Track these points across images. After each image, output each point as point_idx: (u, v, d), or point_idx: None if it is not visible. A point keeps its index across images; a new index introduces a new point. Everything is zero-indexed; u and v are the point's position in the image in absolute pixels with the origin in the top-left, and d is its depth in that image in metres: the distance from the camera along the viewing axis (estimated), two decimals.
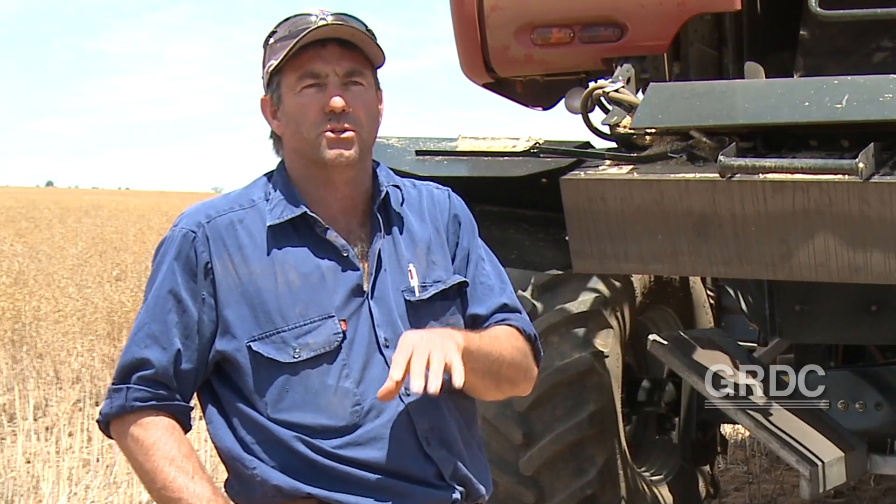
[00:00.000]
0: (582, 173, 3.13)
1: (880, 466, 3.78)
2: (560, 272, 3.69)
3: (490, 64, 3.58)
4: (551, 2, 3.44)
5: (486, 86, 3.79)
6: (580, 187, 3.08)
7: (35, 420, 6.92)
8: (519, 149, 3.43)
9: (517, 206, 3.63)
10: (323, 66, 1.93)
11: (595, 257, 3.13)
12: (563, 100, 3.72)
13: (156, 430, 1.91)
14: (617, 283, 3.90)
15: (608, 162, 3.19)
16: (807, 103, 2.86)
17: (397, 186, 2.07)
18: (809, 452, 3.38)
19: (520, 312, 2.12)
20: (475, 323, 2.08)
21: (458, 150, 3.50)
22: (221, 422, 1.96)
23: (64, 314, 10.03)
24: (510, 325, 2.09)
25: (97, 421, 2.00)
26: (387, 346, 1.95)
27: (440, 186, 2.15)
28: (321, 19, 1.92)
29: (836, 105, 2.82)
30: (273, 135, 2.04)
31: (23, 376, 7.99)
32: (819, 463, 3.36)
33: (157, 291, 1.95)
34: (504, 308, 2.11)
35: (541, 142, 3.42)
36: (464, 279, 2.08)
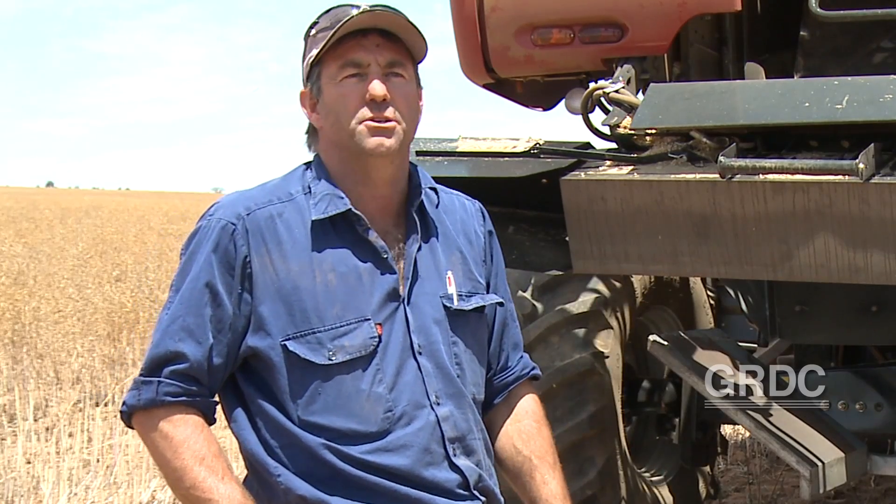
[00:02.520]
0: (582, 174, 3.13)
1: (880, 467, 3.78)
2: (560, 273, 3.69)
3: (490, 64, 3.58)
4: (551, 2, 3.44)
5: (486, 86, 3.79)
6: (580, 188, 3.08)
7: (35, 420, 6.92)
8: (519, 149, 3.43)
9: (517, 207, 3.63)
10: (364, 56, 1.89)
11: (595, 258, 3.13)
12: (564, 100, 3.73)
13: (185, 427, 1.86)
14: (617, 284, 3.90)
15: (608, 162, 3.19)
16: (807, 104, 2.86)
17: (434, 189, 2.04)
18: (810, 453, 3.38)
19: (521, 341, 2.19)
20: (513, 350, 2.14)
21: (458, 150, 3.50)
22: (246, 422, 1.91)
23: (64, 315, 10.03)
24: (532, 394, 2.16)
25: (120, 411, 1.93)
26: (420, 353, 1.93)
27: (471, 199, 2.14)
28: (362, 9, 1.90)
29: (836, 106, 2.82)
30: (310, 129, 2.00)
31: (23, 377, 7.99)
32: (819, 463, 3.36)
33: (194, 283, 1.88)
34: (521, 344, 2.18)
35: (541, 142, 3.42)
36: (500, 299, 2.09)
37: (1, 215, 27.79)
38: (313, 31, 1.95)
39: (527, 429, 2.12)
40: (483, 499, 1.98)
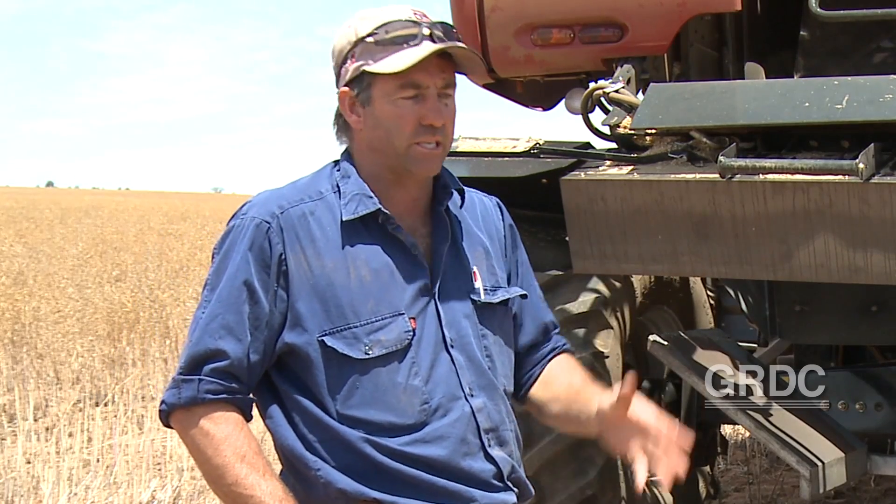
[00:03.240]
0: (582, 174, 3.13)
1: (880, 467, 3.78)
2: (560, 272, 3.69)
3: (490, 64, 3.59)
4: (551, 2, 3.44)
5: (486, 86, 3.79)
6: (580, 188, 3.08)
7: (35, 420, 6.92)
8: (519, 149, 3.43)
9: (517, 207, 3.62)
10: (425, 79, 1.92)
11: (595, 258, 3.13)
12: (564, 100, 3.73)
13: (227, 425, 1.88)
14: (617, 284, 3.90)
15: (608, 162, 3.19)
16: (807, 104, 2.87)
17: (459, 189, 2.08)
18: (809, 453, 3.38)
19: (556, 324, 2.22)
20: (544, 333, 2.18)
21: (458, 150, 3.50)
22: (282, 418, 1.93)
23: (64, 314, 10.02)
24: (570, 355, 2.21)
25: (160, 410, 1.94)
26: (452, 346, 1.96)
27: (488, 195, 2.18)
28: (427, 27, 1.93)
29: (836, 106, 2.82)
30: (339, 122, 2.02)
31: (23, 377, 7.99)
32: (819, 463, 3.35)
33: (231, 281, 1.90)
34: (552, 325, 2.21)
35: (541, 142, 3.42)
36: (524, 292, 2.12)
37: (1, 215, 27.78)
38: (371, 40, 1.93)
39: (561, 369, 2.17)
40: (516, 490, 2.01)
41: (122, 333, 9.31)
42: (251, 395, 1.95)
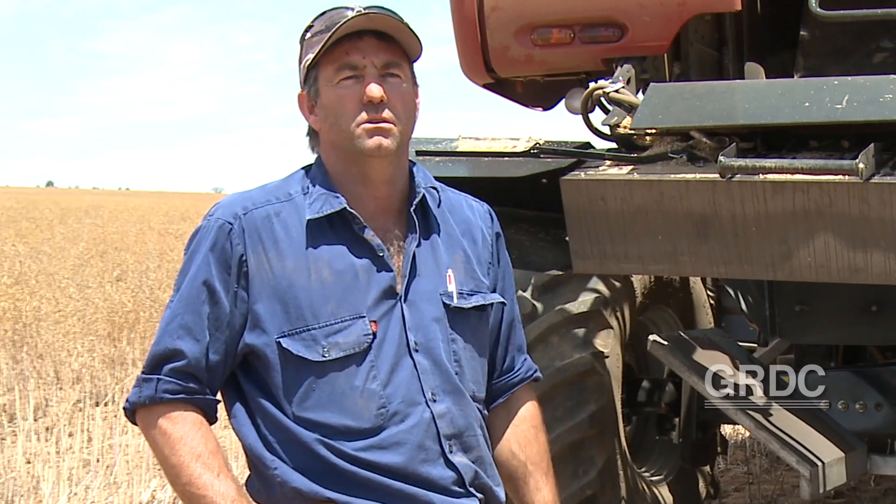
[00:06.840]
0: (582, 174, 3.13)
1: (880, 467, 3.78)
2: (560, 272, 3.69)
3: (490, 64, 3.58)
4: (551, 2, 3.44)
5: (486, 86, 3.79)
6: (580, 188, 3.08)
7: (35, 420, 6.92)
8: (519, 149, 3.43)
9: (517, 207, 3.63)
10: (360, 58, 1.92)
11: (595, 258, 3.13)
12: (564, 100, 3.72)
13: (184, 425, 1.89)
14: (617, 284, 3.90)
15: (608, 162, 3.19)
16: (807, 104, 2.86)
17: (434, 188, 2.06)
18: (809, 453, 3.38)
19: (524, 347, 2.20)
20: (514, 355, 2.16)
21: (458, 150, 3.50)
22: (245, 418, 1.94)
23: (64, 314, 10.03)
24: (532, 400, 2.18)
25: (123, 408, 1.97)
26: (416, 350, 1.94)
27: (479, 200, 2.16)
28: (358, 10, 1.92)
29: (836, 105, 2.82)
30: (310, 132, 2.03)
31: (23, 376, 7.99)
32: (819, 463, 3.36)
33: (192, 282, 1.92)
34: (523, 347, 2.19)
35: (541, 142, 3.42)
36: (503, 300, 2.10)
37: (1, 215, 27.79)
38: (308, 35, 1.97)
39: (524, 434, 2.14)
40: (480, 496, 1.99)
41: (123, 333, 9.32)
42: (215, 397, 1.96)
